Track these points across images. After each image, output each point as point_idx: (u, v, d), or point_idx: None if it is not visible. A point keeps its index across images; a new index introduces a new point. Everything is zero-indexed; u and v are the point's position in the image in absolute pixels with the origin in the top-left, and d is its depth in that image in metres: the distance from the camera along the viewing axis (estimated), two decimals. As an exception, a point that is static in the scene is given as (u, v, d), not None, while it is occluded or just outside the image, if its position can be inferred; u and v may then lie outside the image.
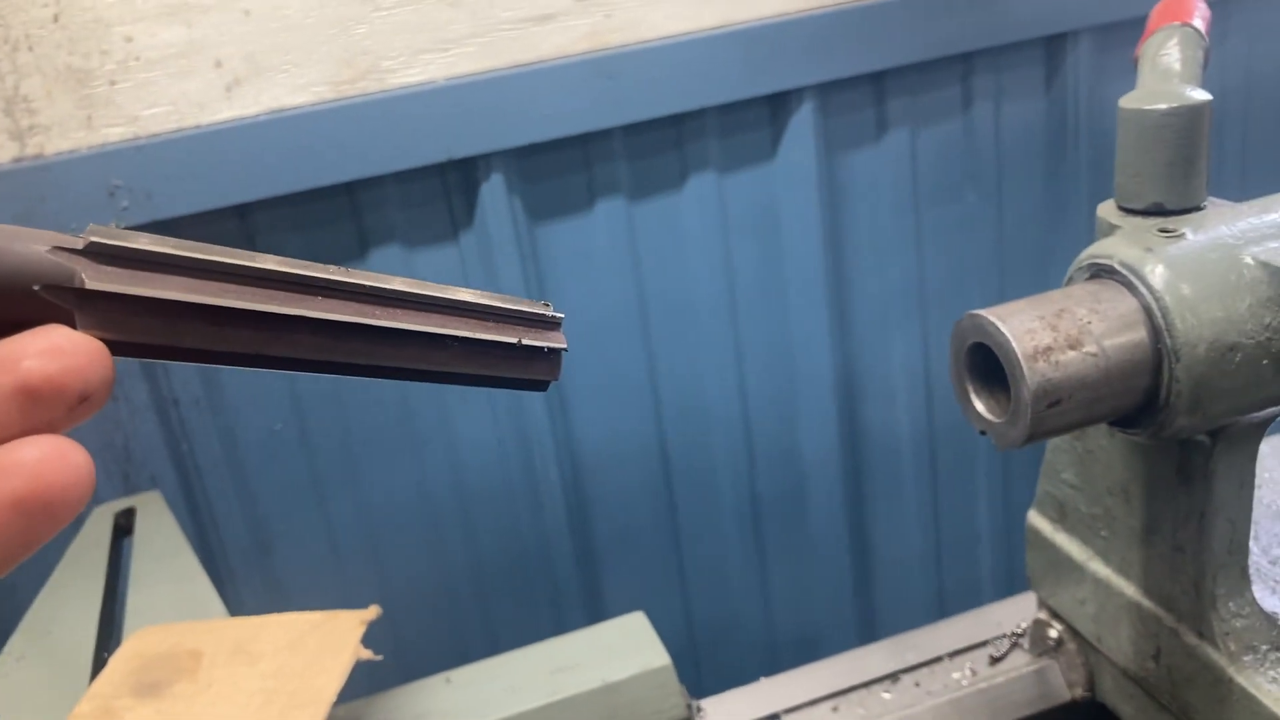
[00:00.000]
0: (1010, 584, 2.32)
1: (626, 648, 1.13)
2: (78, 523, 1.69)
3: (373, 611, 1.06)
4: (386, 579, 1.90)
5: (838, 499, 2.11)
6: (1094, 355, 0.78)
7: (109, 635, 1.09)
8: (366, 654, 1.02)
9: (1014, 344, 0.78)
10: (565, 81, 1.70)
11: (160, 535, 1.26)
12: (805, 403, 2.04)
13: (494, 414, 1.87)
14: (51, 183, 1.53)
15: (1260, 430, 0.87)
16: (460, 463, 1.88)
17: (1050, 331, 0.79)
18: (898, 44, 1.84)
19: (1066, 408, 0.79)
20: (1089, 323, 0.79)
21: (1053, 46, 1.97)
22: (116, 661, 1.03)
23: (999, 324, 0.79)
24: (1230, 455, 0.87)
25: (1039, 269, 2.11)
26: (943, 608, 2.31)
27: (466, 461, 1.88)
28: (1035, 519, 1.13)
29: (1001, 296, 2.10)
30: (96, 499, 1.57)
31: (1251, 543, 0.94)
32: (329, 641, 1.03)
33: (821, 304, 1.96)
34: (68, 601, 1.16)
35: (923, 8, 1.83)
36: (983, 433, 0.85)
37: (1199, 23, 0.97)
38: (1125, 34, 2.00)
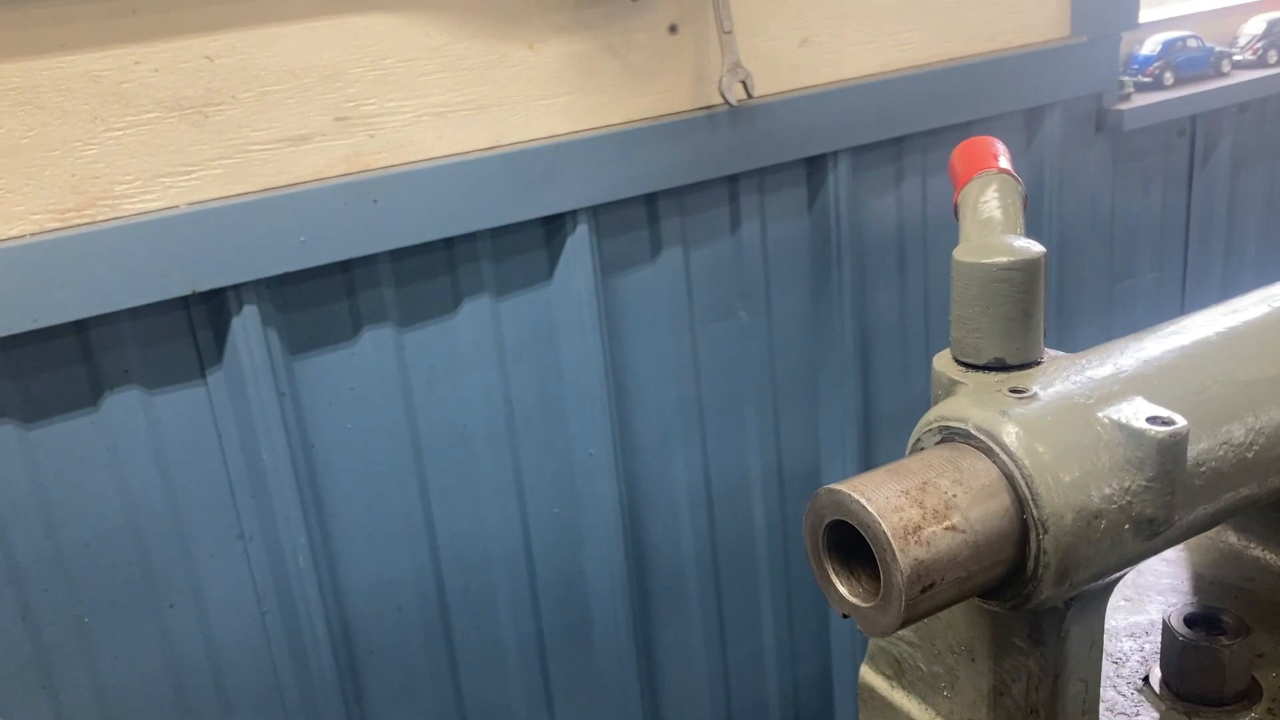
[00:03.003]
0: (796, 698, 2.29)
1: None
2: None
3: None
4: (127, 767, 1.65)
5: (624, 625, 2.02)
6: (961, 531, 0.74)
7: None
8: None
9: (883, 524, 0.72)
10: (324, 206, 1.57)
11: None
12: (589, 527, 1.95)
13: (249, 563, 1.67)
14: None
15: (1109, 590, 0.85)
16: (212, 627, 1.67)
17: (916, 507, 0.73)
18: (667, 166, 1.82)
19: (938, 590, 0.73)
20: (954, 495, 0.75)
21: (814, 167, 2.01)
22: None
23: (864, 502, 0.73)
24: (1084, 618, 0.84)
25: (809, 380, 2.13)
26: (731, 726, 2.25)
27: (219, 625, 1.67)
28: (869, 675, 1.08)
29: (775, 410, 2.10)
30: None
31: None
32: None
33: (603, 425, 1.89)
34: None
35: (688, 131, 1.82)
36: (845, 616, 0.78)
37: (1005, 164, 0.97)
38: (879, 153, 2.07)
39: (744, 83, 1.78)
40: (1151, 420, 0.76)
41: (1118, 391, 0.79)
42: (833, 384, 2.13)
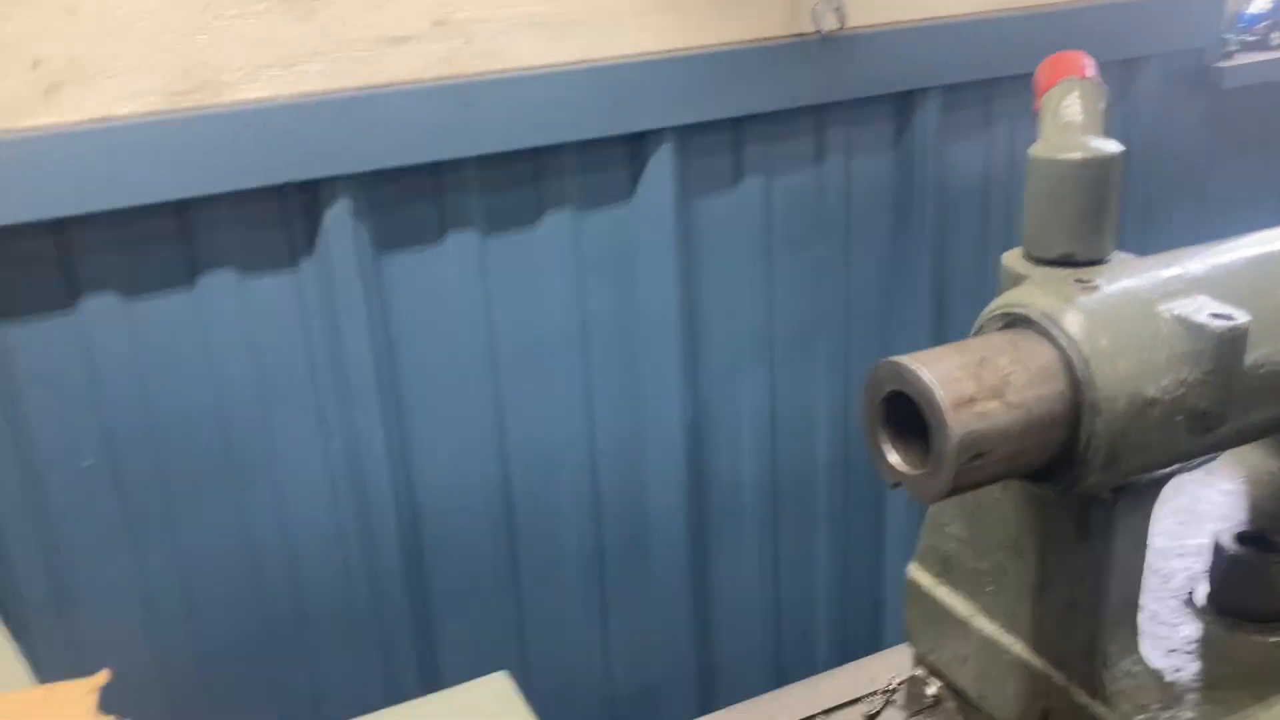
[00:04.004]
0: (844, 632, 2.32)
1: (491, 710, 1.04)
2: None
3: (102, 676, 0.96)
4: (202, 633, 1.73)
5: (681, 546, 2.07)
6: (1017, 406, 0.76)
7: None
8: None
9: (938, 393, 0.75)
10: (417, 107, 1.62)
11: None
12: (653, 447, 1.99)
13: (326, 451, 1.74)
14: None
15: (1157, 489, 0.87)
16: (287, 504, 1.75)
17: (973, 380, 0.76)
18: (755, 92, 1.84)
19: (989, 460, 0.76)
20: (1010, 373, 0.77)
21: (903, 103, 2.01)
22: None
23: (921, 371, 0.76)
24: (1130, 513, 0.86)
25: (883, 319, 2.14)
26: (779, 659, 2.29)
27: (294, 502, 1.75)
28: (915, 573, 1.10)
29: (848, 347, 2.12)
30: None
31: (1138, 599, 0.93)
32: (61, 711, 0.93)
33: (673, 347, 1.93)
34: None
35: (778, 58, 1.84)
36: (894, 486, 0.81)
37: (1092, 73, 0.98)
38: (970, 94, 2.06)
39: (838, 11, 1.79)
40: (1213, 315, 0.77)
41: (1182, 290, 0.81)
42: (906, 325, 2.14)
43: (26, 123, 1.44)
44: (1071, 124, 0.90)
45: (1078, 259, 0.86)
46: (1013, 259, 0.91)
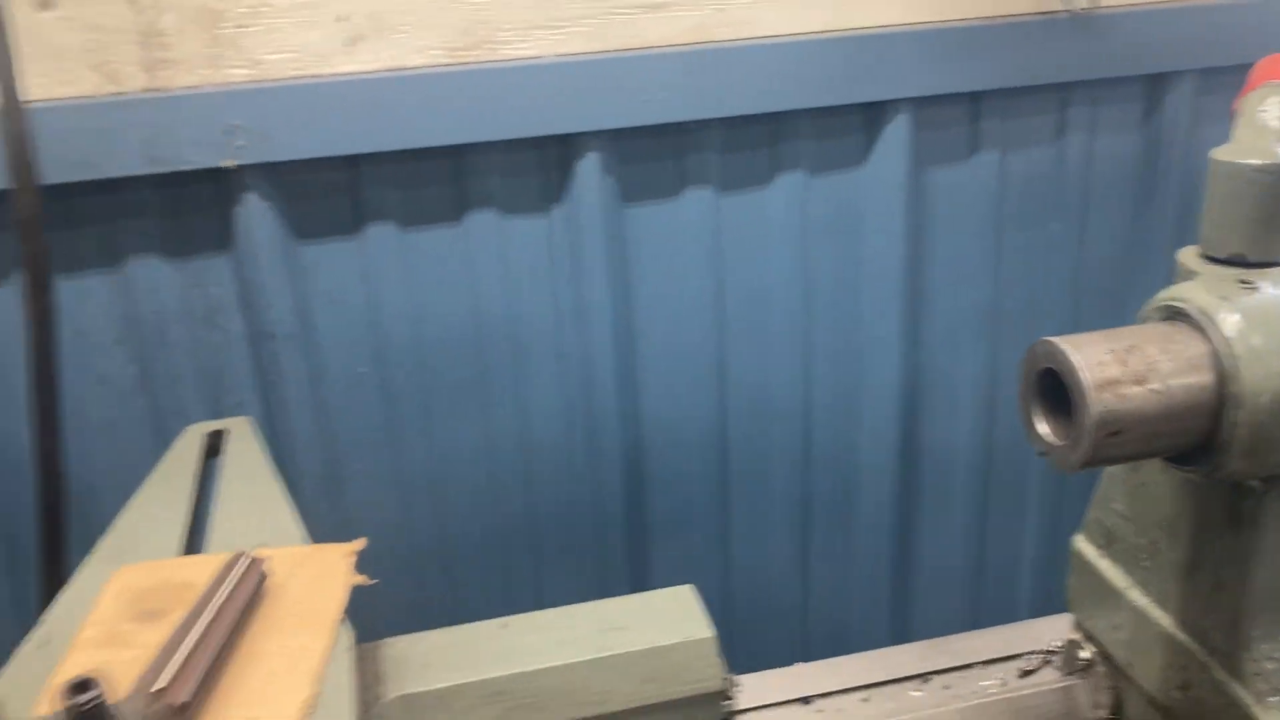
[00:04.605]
0: (1047, 609, 2.34)
1: (673, 616, 1.19)
2: (168, 439, 1.80)
3: (359, 543, 1.14)
4: (446, 524, 1.97)
5: (887, 506, 2.15)
6: (1158, 393, 0.82)
7: (195, 548, 1.17)
8: (362, 579, 1.09)
9: (1083, 373, 0.82)
10: (669, 70, 1.75)
11: (248, 459, 1.34)
12: (868, 408, 2.08)
13: (563, 377, 1.93)
14: (175, 115, 1.61)
15: (1310, 482, 0.90)
16: (527, 421, 1.95)
17: (1119, 365, 0.83)
18: (998, 67, 1.87)
19: (1125, 439, 0.83)
20: (1157, 361, 0.83)
21: (1154, 85, 1.98)
22: (106, 596, 1.08)
23: (1070, 352, 0.83)
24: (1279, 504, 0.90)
25: (1114, 304, 2.13)
26: (976, 624, 2.33)
27: (532, 421, 1.95)
28: (1081, 544, 1.17)
29: (1075, 327, 2.11)
30: (186, 418, 1.66)
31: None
32: (323, 570, 1.10)
33: (895, 314, 2.00)
34: (155, 512, 1.24)
35: (1025, 34, 1.86)
36: (1042, 454, 0.89)
37: (1301, 82, 1.00)
38: (1228, 79, 2.01)
39: (1088, -9, 1.79)
40: (1369, 324, 0.81)
41: (1348, 298, 0.84)
42: (1139, 307, 2.11)
43: (330, 70, 1.67)
44: (1266, 129, 0.94)
45: (1248, 260, 0.90)
46: (1188, 255, 0.95)
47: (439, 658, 1.13)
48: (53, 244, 1.56)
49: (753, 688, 1.19)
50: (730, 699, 1.16)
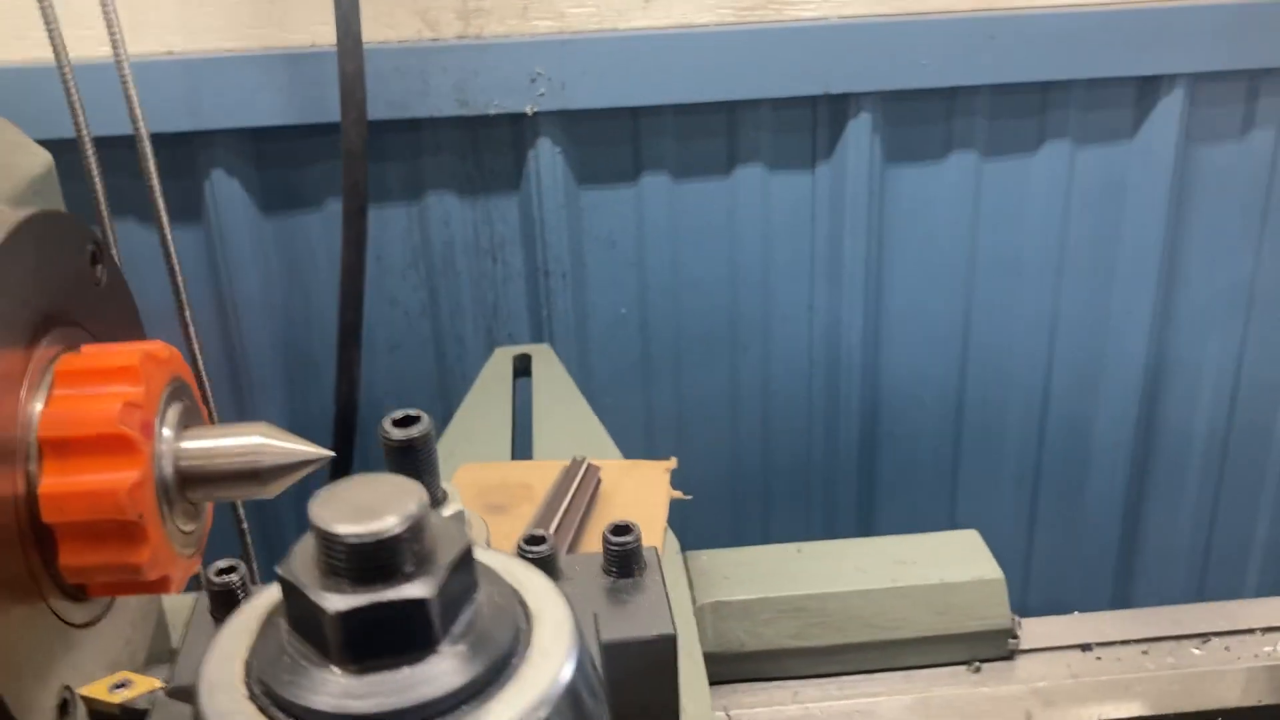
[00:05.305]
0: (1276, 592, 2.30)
1: (961, 557, 1.25)
2: (446, 363, 1.94)
3: (672, 462, 1.22)
4: (684, 463, 2.06)
5: (1118, 482, 2.15)
6: None
7: (524, 448, 1.29)
8: (678, 494, 1.18)
9: None
10: (945, 36, 1.79)
11: (555, 380, 1.45)
12: (1108, 384, 2.08)
13: (810, 328, 2.00)
14: (484, 62, 1.73)
15: None
16: (771, 368, 2.03)
17: None
18: (1278, 45, 1.84)
19: None
20: None
21: None
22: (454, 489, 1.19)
23: None
24: None
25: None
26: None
27: (777, 368, 2.03)
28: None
29: (1334, 315, 2.08)
30: (463, 345, 1.81)
31: None
32: (644, 481, 1.19)
33: (1147, 291, 1.99)
34: (480, 423, 1.36)
35: (1311, 12, 1.82)
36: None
37: None
38: None
39: (1391, -30, 1.75)
40: None
41: None
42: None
43: (627, 24, 1.76)
44: None
45: None
46: None
47: (743, 572, 1.22)
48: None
49: (1034, 631, 1.24)
50: (1016, 638, 1.21)
